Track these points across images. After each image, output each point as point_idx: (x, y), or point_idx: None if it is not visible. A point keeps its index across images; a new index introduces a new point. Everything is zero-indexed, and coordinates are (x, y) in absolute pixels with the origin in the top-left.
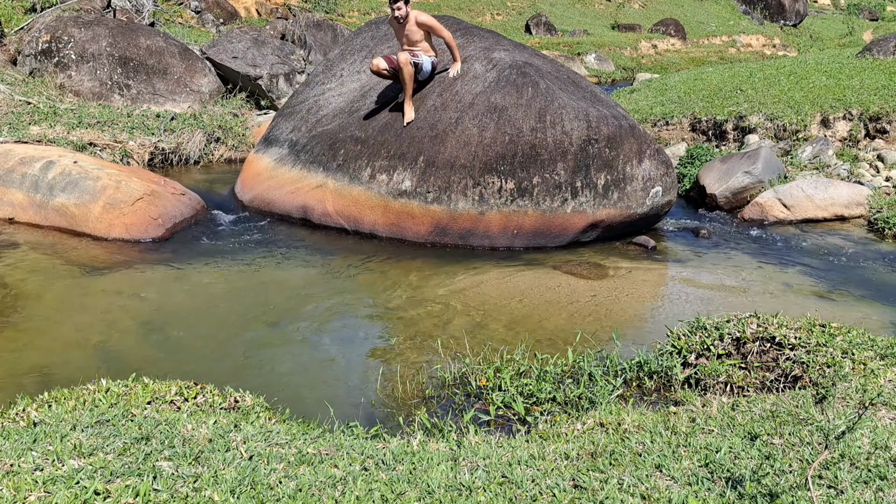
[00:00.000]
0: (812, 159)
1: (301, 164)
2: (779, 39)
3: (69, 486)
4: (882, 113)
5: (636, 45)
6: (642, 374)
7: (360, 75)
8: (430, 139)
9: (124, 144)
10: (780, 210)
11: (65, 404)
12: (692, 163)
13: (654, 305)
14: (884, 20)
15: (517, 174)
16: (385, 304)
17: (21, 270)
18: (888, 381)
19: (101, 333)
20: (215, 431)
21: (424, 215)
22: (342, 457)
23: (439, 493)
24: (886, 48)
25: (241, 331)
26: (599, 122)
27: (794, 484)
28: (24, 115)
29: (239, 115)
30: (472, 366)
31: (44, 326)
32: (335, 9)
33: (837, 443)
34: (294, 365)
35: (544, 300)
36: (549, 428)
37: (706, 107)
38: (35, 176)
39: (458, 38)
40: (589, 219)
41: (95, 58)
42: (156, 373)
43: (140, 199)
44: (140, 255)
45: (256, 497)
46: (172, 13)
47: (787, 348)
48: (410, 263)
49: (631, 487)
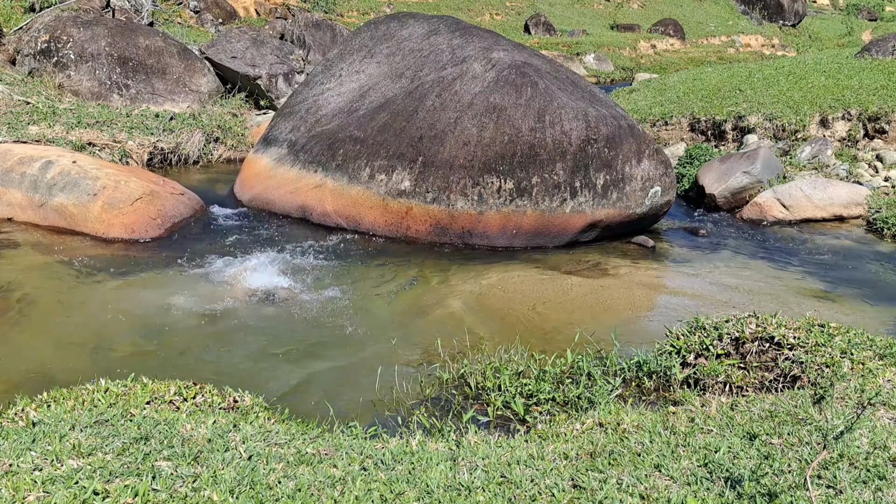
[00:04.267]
0: (811, 159)
1: (300, 163)
2: (778, 39)
3: (68, 486)
4: (881, 113)
5: (635, 46)
6: (641, 373)
7: (360, 75)
8: (430, 139)
9: (123, 144)
10: (778, 210)
11: (64, 404)
12: (691, 163)
13: (652, 305)
14: (882, 20)
15: (516, 174)
16: (384, 303)
17: (20, 270)
18: (887, 381)
19: (100, 333)
20: (214, 431)
21: (423, 215)
22: (341, 457)
23: (438, 493)
24: (885, 48)
25: (240, 330)
26: (598, 122)
27: (793, 484)
28: (22, 115)
29: (238, 114)
30: (471, 366)
31: (42, 326)
32: (334, 9)
33: (836, 443)
34: (293, 365)
35: (543, 300)
36: (548, 428)
37: (705, 107)
38: (34, 176)
39: (457, 38)
40: (588, 219)
41: (94, 57)
42: (155, 373)
43: (139, 198)
44: (139, 255)
45: (255, 497)
46: (171, 13)
47: (785, 348)
48: (409, 263)
49: (630, 487)
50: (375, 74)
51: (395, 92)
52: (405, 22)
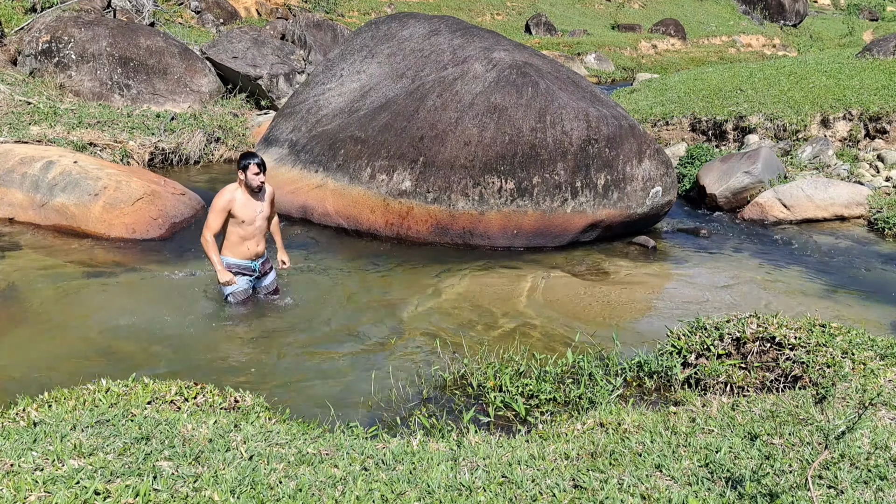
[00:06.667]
0: (812, 159)
1: (301, 164)
2: (779, 39)
3: (69, 486)
4: (882, 113)
5: (636, 46)
6: (642, 374)
7: (360, 75)
8: (430, 139)
9: (124, 144)
10: (779, 210)
11: (65, 404)
12: (692, 163)
13: (653, 305)
14: (884, 20)
15: (517, 174)
16: (384, 303)
17: (21, 270)
18: (888, 381)
19: (101, 333)
20: (215, 431)
21: (424, 215)
22: (342, 457)
23: (439, 493)
24: (886, 48)
25: (241, 330)
26: (599, 122)
27: (794, 484)
28: (24, 115)
29: (239, 115)
30: (472, 366)
31: (44, 326)
32: (335, 9)
33: (837, 443)
34: (293, 364)
35: (544, 300)
36: (549, 428)
37: (706, 107)
38: (35, 176)
39: (457, 38)
40: (589, 219)
41: (95, 58)
42: (156, 372)
43: (140, 198)
44: (140, 255)
45: (256, 497)
46: (172, 13)
47: (787, 348)
48: (410, 263)
49: (631, 487)
50: (376, 74)
51: (396, 92)
52: (406, 22)
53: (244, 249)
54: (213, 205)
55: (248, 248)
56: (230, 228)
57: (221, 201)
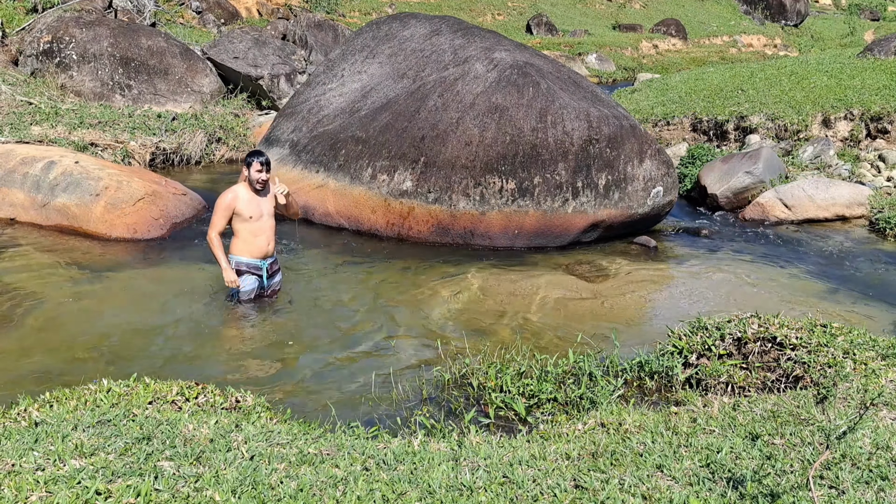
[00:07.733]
0: (813, 159)
1: (302, 164)
2: (780, 39)
3: (70, 486)
4: (883, 113)
5: (637, 46)
6: (643, 374)
7: (361, 75)
8: (431, 139)
9: (125, 145)
10: (781, 210)
11: (66, 404)
12: (693, 163)
13: (654, 305)
14: (885, 20)
15: (518, 174)
16: (384, 303)
17: (23, 270)
18: (889, 382)
19: (102, 333)
20: (216, 431)
21: (425, 215)
22: (343, 457)
23: (440, 493)
24: (888, 48)
25: (242, 330)
26: (600, 122)
27: (796, 484)
28: (25, 116)
29: (240, 115)
30: (473, 366)
31: (45, 326)
32: (336, 9)
33: (839, 443)
34: (294, 364)
35: (545, 300)
36: (550, 428)
37: (707, 107)
38: (36, 176)
39: (459, 39)
40: (590, 219)
41: (97, 58)
42: (157, 372)
43: (141, 199)
44: (141, 255)
45: (258, 497)
46: (173, 13)
47: (788, 348)
48: (410, 263)
49: (632, 488)
50: (377, 75)
51: (397, 92)
52: (407, 22)
53: (255, 248)
54: (217, 204)
55: (258, 245)
56: (239, 227)
57: (224, 200)
